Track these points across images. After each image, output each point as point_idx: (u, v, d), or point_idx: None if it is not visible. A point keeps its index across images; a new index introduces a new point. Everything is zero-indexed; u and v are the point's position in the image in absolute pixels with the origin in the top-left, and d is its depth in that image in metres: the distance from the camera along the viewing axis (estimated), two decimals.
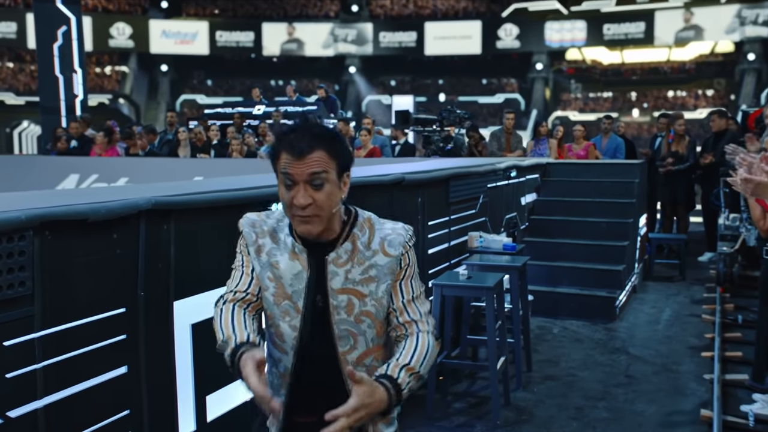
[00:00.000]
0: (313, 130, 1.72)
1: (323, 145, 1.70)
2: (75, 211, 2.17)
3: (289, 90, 12.58)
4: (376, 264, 1.79)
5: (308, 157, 1.68)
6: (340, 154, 1.74)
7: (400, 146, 9.65)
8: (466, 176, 5.31)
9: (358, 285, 1.78)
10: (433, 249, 4.86)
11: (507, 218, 6.47)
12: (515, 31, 33.45)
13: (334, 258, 1.78)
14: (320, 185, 1.69)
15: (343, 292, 1.77)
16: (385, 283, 1.79)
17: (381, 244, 1.80)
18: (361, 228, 1.82)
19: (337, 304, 1.77)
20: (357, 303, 1.77)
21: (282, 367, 1.84)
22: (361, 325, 1.78)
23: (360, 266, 1.78)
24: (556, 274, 6.85)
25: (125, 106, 35.80)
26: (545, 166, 7.99)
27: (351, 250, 1.78)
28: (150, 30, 35.85)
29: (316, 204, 1.70)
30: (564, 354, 5.49)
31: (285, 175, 1.71)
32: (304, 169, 1.68)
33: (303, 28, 36.15)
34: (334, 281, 1.77)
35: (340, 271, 1.77)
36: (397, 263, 1.80)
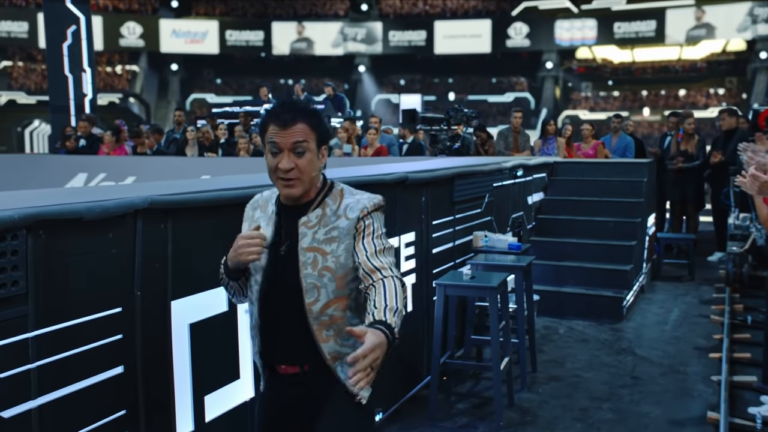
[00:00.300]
0: (297, 106, 2.04)
1: (305, 119, 2.00)
2: (69, 210, 2.16)
3: (297, 89, 12.56)
4: (338, 227, 2.04)
5: (292, 127, 1.98)
6: (318, 128, 2.04)
7: (407, 145, 9.63)
8: (471, 175, 5.27)
9: (322, 244, 2.03)
10: (437, 248, 4.82)
11: (513, 217, 6.43)
12: (525, 30, 33.34)
13: (305, 221, 2.06)
14: (302, 153, 1.99)
15: (311, 249, 2.04)
16: (344, 243, 2.03)
17: (345, 210, 2.06)
18: (333, 197, 2.09)
19: (304, 260, 2.03)
20: (320, 259, 2.03)
21: (254, 318, 2.11)
22: (323, 278, 2.02)
23: (324, 228, 2.04)
24: (563, 273, 6.80)
25: (135, 105, 35.95)
26: (552, 165, 7.94)
27: (320, 215, 2.06)
28: (160, 29, 36.00)
29: (298, 168, 1.99)
30: (570, 354, 5.45)
31: (271, 144, 2.00)
32: (288, 138, 1.98)
33: (312, 27, 36.19)
34: (304, 240, 2.05)
35: (309, 233, 2.05)
36: (353, 225, 2.04)
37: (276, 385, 2.14)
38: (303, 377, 2.09)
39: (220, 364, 2.90)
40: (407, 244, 4.37)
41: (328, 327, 2.04)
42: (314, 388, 2.10)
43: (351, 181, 3.77)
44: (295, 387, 2.11)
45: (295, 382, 2.10)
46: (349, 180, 3.75)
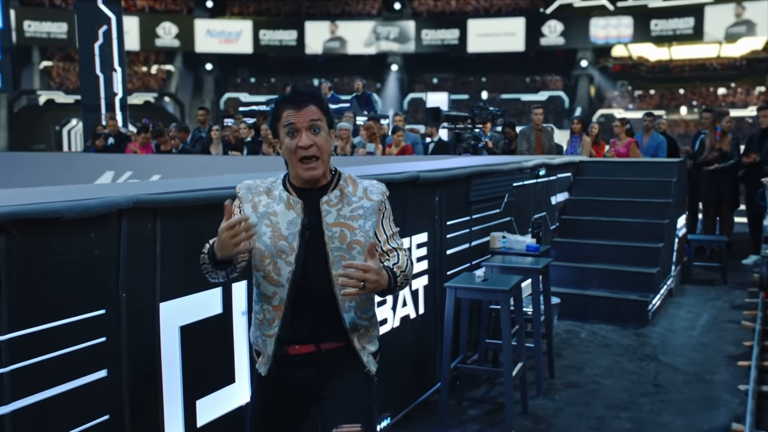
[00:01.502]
0: (308, 90, 2.19)
1: (316, 102, 2.16)
2: (47, 210, 2.10)
3: (324, 87, 12.50)
4: (363, 206, 2.21)
5: (306, 108, 2.12)
6: (326, 112, 2.19)
7: (433, 144, 9.50)
8: (489, 175, 5.14)
9: (348, 220, 2.17)
10: (452, 249, 4.70)
11: (535, 218, 6.27)
12: (560, 28, 32.88)
13: (326, 200, 2.19)
14: (318, 130, 2.13)
15: (336, 225, 2.16)
16: (371, 220, 2.20)
17: (365, 192, 2.24)
18: (345, 181, 2.24)
19: (331, 235, 2.15)
20: (348, 234, 2.16)
21: (277, 300, 2.16)
22: (353, 251, 2.15)
23: (349, 206, 2.19)
24: (586, 275, 6.62)
25: (170, 104, 36.36)
26: (578, 164, 7.75)
27: (340, 196, 2.20)
28: (195, 29, 36.35)
29: (317, 145, 2.11)
30: (590, 360, 5.28)
31: (289, 126, 2.13)
32: (304, 117, 2.12)
33: (345, 26, 36.20)
34: (329, 217, 2.17)
35: (332, 210, 2.17)
36: (377, 206, 2.23)
37: (283, 369, 2.20)
38: (316, 356, 2.18)
39: (214, 367, 2.83)
40: (419, 245, 4.26)
41: (352, 299, 2.15)
42: (324, 368, 2.20)
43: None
44: (304, 368, 2.19)
45: (306, 362, 2.18)
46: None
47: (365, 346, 2.24)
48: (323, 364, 2.19)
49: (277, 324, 2.16)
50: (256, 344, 2.25)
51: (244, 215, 2.11)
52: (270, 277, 2.15)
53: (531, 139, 9.13)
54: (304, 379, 2.20)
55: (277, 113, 2.17)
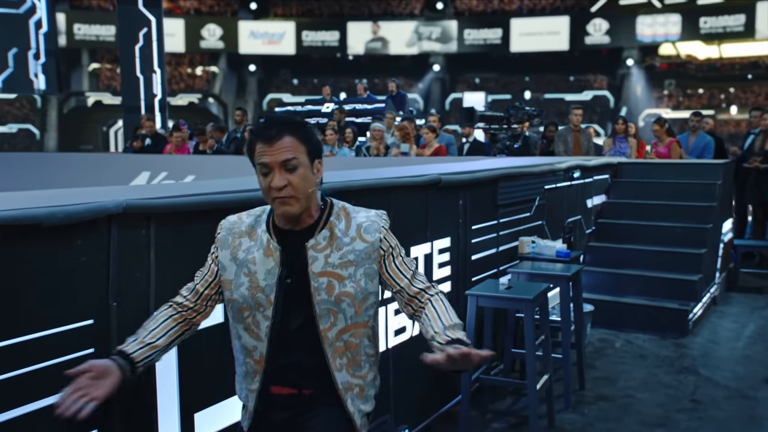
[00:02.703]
0: (281, 119, 1.94)
1: (291, 132, 1.90)
2: (26, 216, 2.00)
3: (360, 88, 12.43)
4: (354, 249, 1.96)
5: (278, 143, 1.88)
6: (308, 140, 1.93)
7: (468, 144, 9.31)
8: (518, 177, 4.94)
9: (337, 268, 1.95)
10: (477, 255, 4.53)
11: (569, 222, 6.04)
12: (605, 26, 32.19)
13: (313, 244, 1.96)
14: (293, 169, 1.89)
15: (323, 275, 1.94)
16: (363, 267, 1.97)
17: (358, 230, 1.98)
18: (337, 216, 2.01)
19: (317, 286, 1.94)
20: (337, 285, 1.94)
21: (257, 354, 2.01)
22: (341, 304, 1.95)
23: (338, 251, 1.96)
24: (623, 282, 6.35)
25: (214, 105, 36.78)
26: (616, 165, 7.47)
27: (329, 237, 1.97)
28: (239, 31, 36.70)
29: (292, 185, 1.89)
30: (624, 371, 5.03)
31: (261, 165, 1.90)
32: (276, 155, 1.88)
33: (387, 26, 36.10)
34: (315, 265, 1.95)
35: (320, 256, 1.95)
36: (375, 248, 1.98)
37: (263, 410, 2.07)
38: (297, 399, 2.04)
39: (214, 378, 2.71)
40: (441, 251, 4.10)
41: (342, 354, 2.00)
42: (305, 410, 2.04)
43: (382, 183, 3.55)
44: (285, 410, 2.05)
45: (286, 404, 2.05)
46: (380, 182, 3.53)
47: (360, 407, 2.05)
48: (304, 407, 2.03)
49: (258, 379, 2.03)
50: (240, 397, 2.14)
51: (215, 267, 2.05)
52: (250, 330, 2.01)
53: (568, 141, 8.85)
54: (285, 420, 2.05)
55: (251, 145, 1.94)
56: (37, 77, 14.30)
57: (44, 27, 14.37)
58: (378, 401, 2.18)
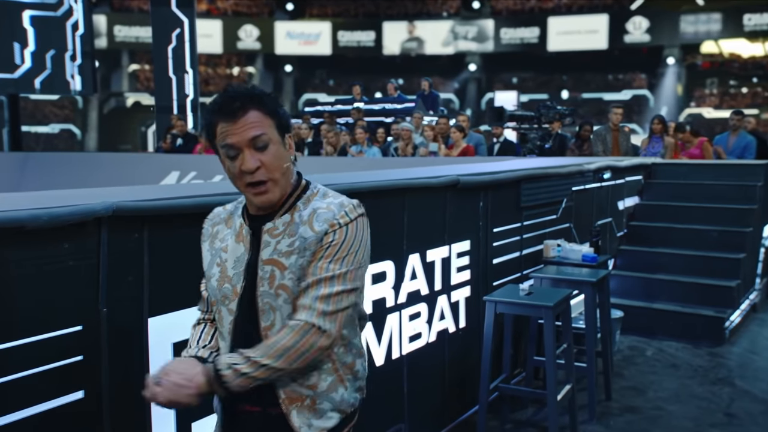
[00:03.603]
0: (242, 92, 1.66)
1: (256, 105, 1.65)
2: (7, 218, 1.92)
3: (390, 87, 12.31)
4: (301, 236, 1.69)
5: (243, 119, 1.62)
6: (275, 113, 1.68)
7: (499, 144, 9.11)
8: (543, 178, 4.77)
9: (282, 256, 1.69)
10: (499, 259, 4.37)
11: (599, 224, 5.83)
12: (645, 24, 31.52)
13: (270, 228, 1.72)
14: (264, 146, 1.64)
15: (269, 262, 1.70)
16: (303, 257, 1.68)
17: (310, 216, 1.70)
18: (306, 200, 1.75)
19: (262, 275, 1.70)
20: (278, 275, 1.69)
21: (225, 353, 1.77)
22: (278, 299, 1.69)
23: (290, 238, 1.70)
24: (655, 287, 6.12)
25: None
26: (650, 166, 7.21)
27: (288, 222, 1.71)
28: (275, 31, 36.90)
29: (265, 166, 1.64)
30: (654, 381, 4.82)
31: (226, 147, 1.65)
32: (243, 134, 1.62)
33: (423, 26, 35.92)
34: (265, 251, 1.71)
35: (272, 242, 1.71)
36: (317, 240, 1.68)
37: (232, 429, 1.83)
38: (264, 420, 1.76)
39: None
40: (459, 254, 3.96)
41: None
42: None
43: (396, 185, 3.42)
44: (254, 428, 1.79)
45: (255, 426, 1.78)
46: (393, 184, 3.40)
47: (311, 422, 1.72)
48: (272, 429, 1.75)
49: None
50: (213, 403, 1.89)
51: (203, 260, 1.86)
52: (218, 327, 1.80)
53: (607, 140, 8.59)
54: None
55: (211, 126, 1.67)
56: (73, 78, 14.47)
57: (80, 29, 14.53)
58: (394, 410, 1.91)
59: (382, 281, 3.35)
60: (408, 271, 3.52)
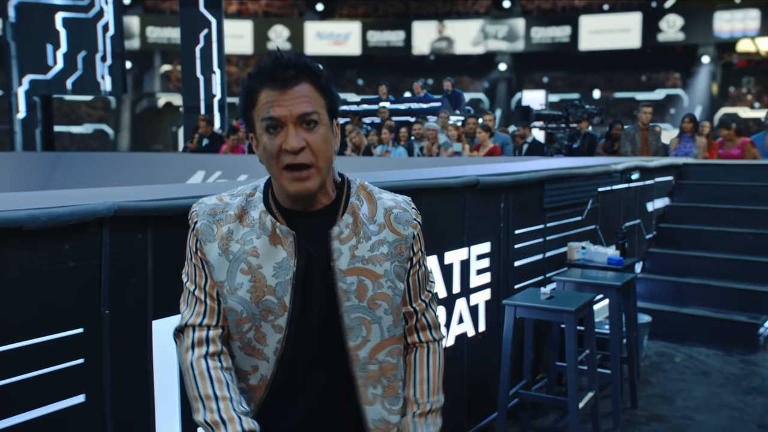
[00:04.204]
0: (297, 61, 1.42)
1: (311, 78, 1.42)
2: (5, 219, 1.88)
3: (417, 87, 12.23)
4: (386, 240, 1.50)
5: (295, 89, 1.39)
6: (329, 92, 1.45)
7: (527, 145, 8.97)
8: (567, 178, 4.64)
9: (368, 263, 1.47)
10: (520, 261, 4.26)
11: (626, 226, 5.67)
12: (679, 23, 30.95)
13: (337, 233, 1.47)
14: (314, 125, 1.41)
15: (352, 272, 1.46)
16: (396, 261, 1.50)
17: (386, 217, 1.52)
18: (357, 196, 1.53)
19: (346, 288, 1.46)
20: (370, 285, 1.47)
21: (257, 378, 1.51)
22: (376, 310, 1.48)
23: (367, 242, 1.48)
24: (686, 292, 5.95)
25: None
26: (682, 167, 7.02)
27: (353, 223, 1.49)
28: (305, 32, 37.03)
29: (311, 148, 1.40)
30: (683, 389, 4.66)
31: (268, 120, 1.40)
32: (292, 107, 1.39)
33: (453, 25, 35.74)
34: (341, 260, 1.46)
35: (345, 249, 1.47)
36: (407, 245, 1.52)
37: None
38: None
39: None
40: (479, 256, 3.86)
41: (376, 382, 1.51)
42: None
43: (413, 185, 3.34)
44: None
45: None
46: (411, 184, 3.31)
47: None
48: None
49: (252, 408, 1.51)
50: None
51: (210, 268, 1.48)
52: (251, 347, 1.48)
53: (636, 140, 8.40)
54: None
55: (251, 94, 1.42)
56: (103, 79, 14.65)
57: (111, 30, 14.71)
58: None
59: None
60: None
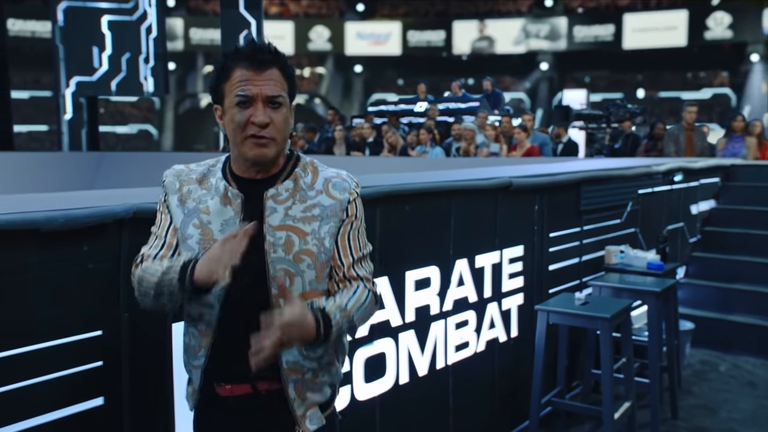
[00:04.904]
0: (269, 46, 1.65)
1: (281, 64, 1.66)
2: (23, 220, 1.87)
3: (455, 87, 12.11)
4: (320, 204, 1.70)
5: (267, 72, 1.62)
6: (291, 79, 1.68)
7: (562, 145, 8.79)
8: (606, 180, 4.51)
9: (298, 222, 1.68)
10: (555, 265, 4.14)
11: (668, 230, 5.50)
12: (727, 20, 30.15)
13: (273, 194, 1.69)
14: (278, 106, 1.63)
15: (282, 228, 1.67)
16: (328, 224, 1.69)
17: (325, 185, 1.72)
18: (303, 169, 1.74)
19: (274, 242, 1.66)
20: (297, 240, 1.67)
21: (204, 324, 1.70)
22: (300, 264, 1.67)
23: (302, 204, 1.69)
24: (732, 298, 5.73)
25: (320, 105, 37.36)
26: (729, 168, 6.78)
27: (293, 188, 1.70)
28: (346, 32, 37.13)
29: (274, 125, 1.63)
30: (727, 400, 4.48)
31: (241, 96, 1.61)
32: (263, 87, 1.61)
33: (494, 25, 35.43)
34: (272, 218, 1.67)
35: (280, 208, 1.68)
36: (342, 209, 1.71)
37: (213, 415, 1.77)
38: (252, 402, 1.71)
39: None
40: (512, 260, 3.76)
41: None
42: (262, 417, 1.73)
43: (442, 187, 3.26)
44: (239, 415, 1.73)
45: (240, 408, 1.72)
46: (440, 186, 3.24)
47: (306, 396, 1.70)
48: (263, 411, 1.71)
49: (203, 354, 1.71)
50: (186, 370, 1.82)
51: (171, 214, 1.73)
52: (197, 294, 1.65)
53: (680, 140, 8.15)
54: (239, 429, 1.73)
55: (226, 70, 1.63)
56: (146, 80, 14.88)
57: (154, 32, 14.94)
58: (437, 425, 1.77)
59: (426, 287, 3.19)
60: (455, 277, 3.35)
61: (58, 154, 13.87)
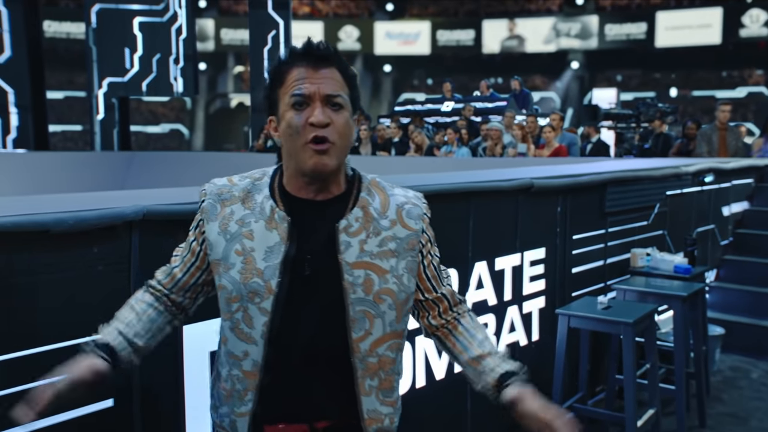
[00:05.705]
0: (328, 45, 1.50)
1: (341, 65, 1.50)
2: (31, 222, 1.87)
3: (483, 86, 12.03)
4: (396, 236, 1.53)
5: (325, 70, 1.46)
6: (354, 85, 1.53)
7: (591, 145, 8.66)
8: (632, 181, 4.41)
9: (376, 258, 1.50)
10: (578, 268, 4.06)
11: (698, 232, 5.37)
12: (763, 17, 29.51)
13: (345, 226, 1.49)
14: (339, 108, 1.46)
15: (359, 266, 1.49)
16: (405, 259, 1.54)
17: (398, 213, 1.55)
18: (368, 191, 1.55)
19: (353, 281, 1.48)
20: (377, 279, 1.50)
21: (249, 363, 1.52)
22: (381, 305, 1.51)
23: (376, 236, 1.51)
24: (765, 302, 5.57)
25: None
26: (764, 168, 6.61)
27: (363, 217, 1.51)
28: (375, 32, 37.14)
29: (335, 127, 1.44)
30: (759, 408, 4.35)
31: (297, 97, 1.44)
32: (321, 85, 1.44)
33: (524, 24, 35.15)
34: (348, 253, 1.48)
35: (354, 242, 1.49)
36: (417, 240, 1.56)
37: None
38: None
39: None
40: (533, 263, 3.69)
41: (374, 374, 1.54)
42: None
43: (461, 188, 3.21)
44: None
45: None
46: (459, 187, 3.19)
47: None
48: None
49: (250, 397, 1.52)
50: (222, 426, 1.60)
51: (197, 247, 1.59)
52: (239, 329, 1.51)
53: (713, 140, 7.96)
54: None
55: (281, 72, 1.48)
56: (176, 81, 15.04)
57: (184, 33, 15.10)
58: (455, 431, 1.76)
59: None
60: (474, 280, 3.30)
61: (90, 153, 14.09)
